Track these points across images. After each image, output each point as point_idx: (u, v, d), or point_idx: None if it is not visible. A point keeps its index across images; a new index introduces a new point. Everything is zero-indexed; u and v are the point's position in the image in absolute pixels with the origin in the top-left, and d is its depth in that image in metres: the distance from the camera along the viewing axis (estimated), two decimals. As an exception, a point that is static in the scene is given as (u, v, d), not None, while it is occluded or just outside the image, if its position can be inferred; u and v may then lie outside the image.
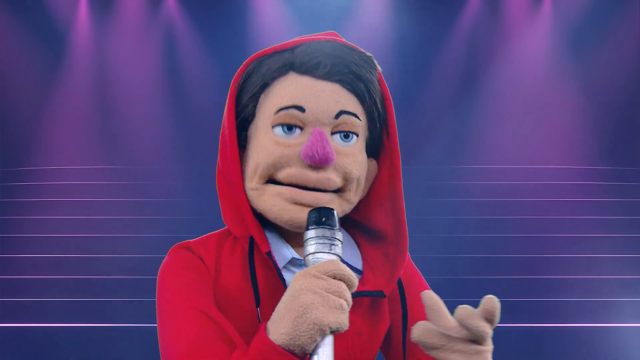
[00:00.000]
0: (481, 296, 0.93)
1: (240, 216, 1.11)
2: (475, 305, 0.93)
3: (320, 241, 0.92)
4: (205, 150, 1.16)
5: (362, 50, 1.13)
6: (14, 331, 4.80)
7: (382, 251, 1.15)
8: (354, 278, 0.90)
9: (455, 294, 1.07)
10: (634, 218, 5.37)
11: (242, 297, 0.91)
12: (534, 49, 5.81)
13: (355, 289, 0.91)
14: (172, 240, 1.19)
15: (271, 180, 1.08)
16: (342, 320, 0.88)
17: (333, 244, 0.92)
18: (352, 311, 1.08)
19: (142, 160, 5.61)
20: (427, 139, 5.69)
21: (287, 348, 0.89)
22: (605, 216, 5.35)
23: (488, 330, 0.90)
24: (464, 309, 0.89)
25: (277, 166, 1.07)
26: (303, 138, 1.06)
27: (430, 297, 0.94)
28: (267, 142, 1.08)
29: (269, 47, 1.13)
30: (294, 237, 1.11)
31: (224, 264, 1.10)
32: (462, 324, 0.89)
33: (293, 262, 1.10)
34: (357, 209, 1.17)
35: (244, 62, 1.13)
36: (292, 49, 1.11)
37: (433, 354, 0.91)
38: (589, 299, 4.91)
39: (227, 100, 1.12)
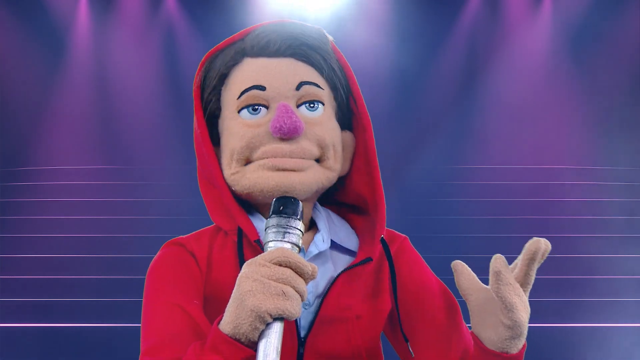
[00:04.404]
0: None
1: (226, 210, 1.12)
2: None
3: (274, 230, 0.92)
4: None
5: (310, 25, 1.14)
6: (14, 331, 4.80)
7: (371, 224, 1.16)
8: (305, 265, 0.88)
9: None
10: (634, 218, 5.37)
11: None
12: (534, 49, 5.81)
13: (309, 276, 0.89)
14: (172, 240, 1.19)
15: (248, 164, 1.10)
16: (284, 306, 0.86)
17: (287, 232, 0.91)
18: (350, 295, 1.09)
19: (142, 160, 5.61)
20: (428, 139, 5.69)
21: (233, 337, 0.88)
22: (605, 216, 5.35)
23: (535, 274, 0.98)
24: (537, 242, 0.96)
25: (251, 147, 1.08)
26: (269, 115, 1.08)
27: (460, 265, 1.00)
28: (236, 128, 1.09)
29: (222, 42, 1.16)
30: None
31: (216, 258, 1.11)
32: (531, 255, 0.95)
33: None
34: (343, 186, 1.19)
35: (201, 62, 1.16)
36: (242, 38, 1.14)
37: (504, 289, 0.94)
38: (589, 299, 4.91)
39: (194, 101, 1.14)
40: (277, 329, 0.87)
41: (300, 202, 0.96)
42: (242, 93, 1.09)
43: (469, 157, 5.69)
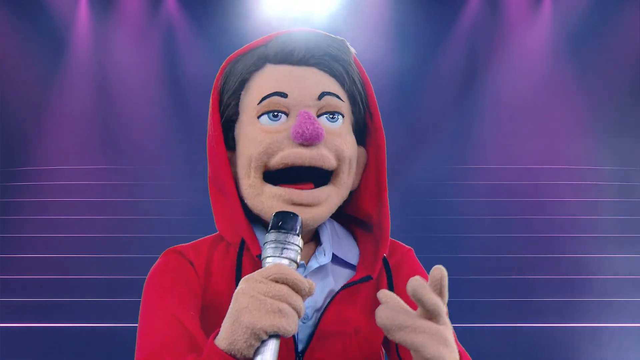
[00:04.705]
0: (482, 296, 0.93)
1: (232, 220, 1.11)
2: (481, 305, 0.93)
3: (273, 245, 0.92)
4: (205, 150, 1.16)
5: (334, 36, 1.14)
6: (14, 331, 4.80)
7: (373, 240, 1.16)
8: (302, 282, 0.88)
9: (456, 294, 1.07)
10: (634, 218, 5.37)
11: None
12: (534, 49, 5.81)
13: (306, 292, 0.88)
14: (171, 240, 1.19)
15: (267, 173, 1.08)
16: (280, 324, 0.85)
17: (285, 248, 0.91)
18: (349, 309, 1.09)
19: (142, 160, 5.61)
20: (428, 139, 5.69)
21: (229, 352, 0.87)
22: (605, 216, 5.35)
23: (439, 302, 0.87)
24: (415, 280, 0.86)
25: (269, 153, 1.06)
26: (290, 122, 1.07)
27: (385, 295, 0.92)
28: (254, 133, 1.08)
29: (243, 47, 1.14)
30: None
31: (216, 268, 1.11)
32: (415, 295, 0.86)
33: None
34: (350, 201, 1.18)
35: (222, 66, 1.14)
36: (265, 44, 1.12)
37: (399, 336, 0.88)
38: (589, 299, 4.91)
39: (211, 105, 1.13)
40: (272, 347, 0.87)
41: (300, 217, 0.95)
42: (263, 99, 1.08)
43: (469, 157, 5.69)
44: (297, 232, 0.93)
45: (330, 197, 1.09)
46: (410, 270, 1.18)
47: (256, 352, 0.87)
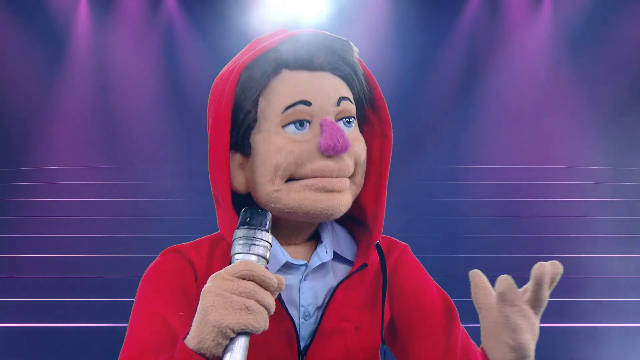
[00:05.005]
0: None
1: (230, 223, 1.10)
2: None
3: (241, 242, 0.91)
4: (205, 150, 1.15)
5: (339, 36, 1.14)
6: (14, 331, 4.80)
7: (368, 233, 1.16)
8: (269, 278, 0.88)
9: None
10: (634, 218, 5.37)
11: None
12: (533, 49, 5.81)
13: (275, 288, 0.88)
14: (171, 240, 1.19)
15: (289, 179, 1.08)
16: (247, 321, 0.85)
17: (253, 244, 0.91)
18: (350, 305, 1.10)
19: (142, 160, 5.61)
20: (428, 139, 5.69)
21: (198, 352, 0.88)
22: (604, 216, 5.36)
23: (547, 296, 0.96)
24: (543, 266, 0.94)
25: (298, 163, 1.06)
26: (314, 131, 1.07)
27: (478, 275, 0.96)
28: (282, 142, 1.07)
29: (251, 53, 1.12)
30: (290, 241, 1.12)
31: (216, 267, 1.09)
32: (538, 279, 0.93)
33: (287, 265, 1.10)
34: None
35: (233, 73, 1.11)
36: (275, 47, 1.11)
37: (507, 309, 0.93)
38: (589, 299, 4.91)
39: (222, 114, 1.10)
40: (241, 344, 0.87)
41: (269, 213, 0.95)
42: (288, 107, 1.07)
43: (469, 157, 5.69)
44: (266, 227, 0.93)
45: (350, 186, 1.10)
46: (409, 266, 1.20)
47: (225, 350, 0.87)
